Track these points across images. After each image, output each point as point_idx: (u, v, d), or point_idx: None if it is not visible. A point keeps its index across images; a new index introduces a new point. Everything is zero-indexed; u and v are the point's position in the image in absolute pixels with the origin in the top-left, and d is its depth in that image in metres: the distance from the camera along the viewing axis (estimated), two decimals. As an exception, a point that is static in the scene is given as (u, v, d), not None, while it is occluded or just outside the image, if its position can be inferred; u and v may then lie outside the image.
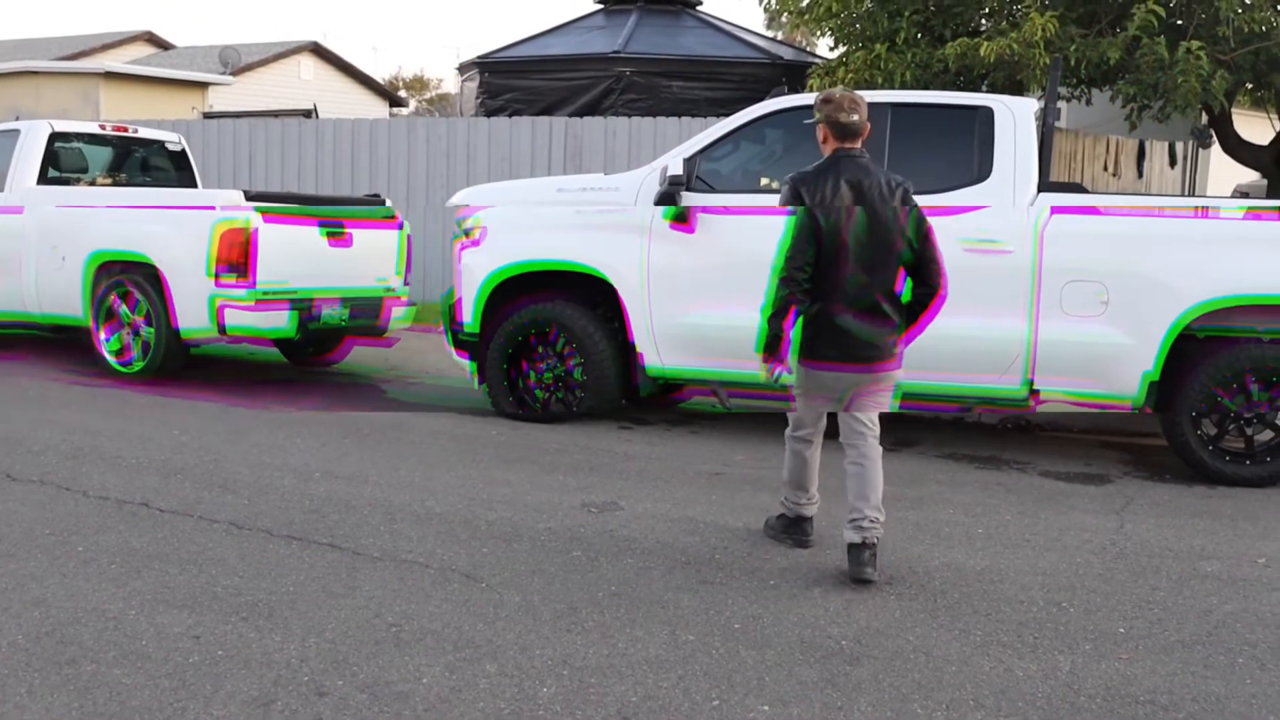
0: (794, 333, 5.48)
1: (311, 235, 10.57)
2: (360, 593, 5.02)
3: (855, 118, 5.50)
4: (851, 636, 4.69)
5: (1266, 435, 7.53)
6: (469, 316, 8.98)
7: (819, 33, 17.14)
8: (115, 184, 12.21)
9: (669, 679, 4.23)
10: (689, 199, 8.29)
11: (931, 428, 9.04)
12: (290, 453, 7.57)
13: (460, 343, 9.17)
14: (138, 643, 4.41)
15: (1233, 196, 16.91)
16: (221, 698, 3.97)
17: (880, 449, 5.55)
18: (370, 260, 11.19)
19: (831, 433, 5.73)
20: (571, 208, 8.76)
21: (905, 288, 5.56)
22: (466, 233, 9.10)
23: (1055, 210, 7.71)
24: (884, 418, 5.62)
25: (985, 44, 12.75)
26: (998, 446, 8.46)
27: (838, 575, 5.40)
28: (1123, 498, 7.10)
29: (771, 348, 5.45)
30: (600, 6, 21.77)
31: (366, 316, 11.11)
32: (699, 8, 21.77)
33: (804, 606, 5.01)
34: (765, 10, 16.00)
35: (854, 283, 5.38)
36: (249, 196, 10.25)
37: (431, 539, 5.79)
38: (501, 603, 4.95)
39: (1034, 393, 7.77)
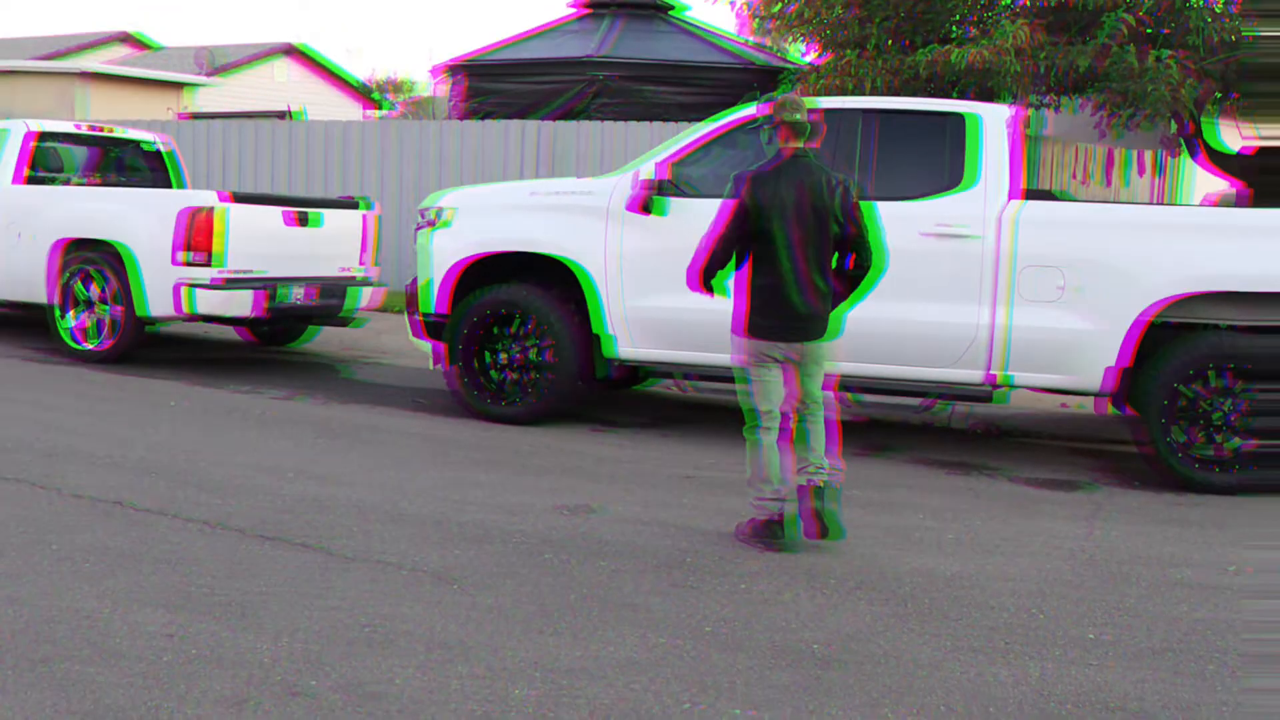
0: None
1: (276, 220, 10.61)
2: (334, 593, 5.03)
3: (803, 116, 5.91)
4: (823, 640, 4.72)
5: (1236, 442, 7.58)
6: (432, 300, 9.06)
7: (791, 38, 17.19)
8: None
9: (641, 682, 4.25)
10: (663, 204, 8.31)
11: (902, 433, 9.09)
12: (265, 453, 7.56)
13: (421, 327, 9.22)
14: (113, 641, 4.41)
15: (1203, 204, 17.06)
16: (196, 696, 3.97)
17: (834, 412, 6.00)
18: (335, 246, 11.22)
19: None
20: (542, 198, 8.94)
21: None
22: (431, 222, 9.16)
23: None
24: (855, 423, 5.73)
25: (956, 51, 12.81)
26: (968, 452, 8.51)
27: (809, 579, 5.44)
28: (1093, 504, 7.16)
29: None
30: (578, 11, 21.74)
31: (330, 302, 11.14)
32: (686, 13, 21.77)
33: (775, 610, 5.04)
34: (742, 13, 16.03)
35: (788, 259, 5.79)
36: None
37: (405, 540, 5.80)
38: (475, 604, 4.97)
39: None
